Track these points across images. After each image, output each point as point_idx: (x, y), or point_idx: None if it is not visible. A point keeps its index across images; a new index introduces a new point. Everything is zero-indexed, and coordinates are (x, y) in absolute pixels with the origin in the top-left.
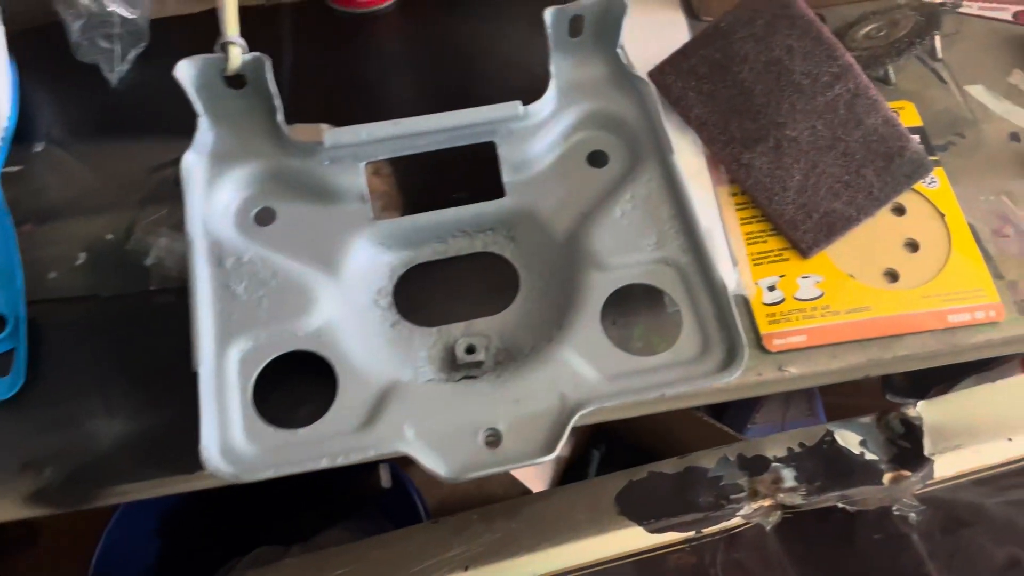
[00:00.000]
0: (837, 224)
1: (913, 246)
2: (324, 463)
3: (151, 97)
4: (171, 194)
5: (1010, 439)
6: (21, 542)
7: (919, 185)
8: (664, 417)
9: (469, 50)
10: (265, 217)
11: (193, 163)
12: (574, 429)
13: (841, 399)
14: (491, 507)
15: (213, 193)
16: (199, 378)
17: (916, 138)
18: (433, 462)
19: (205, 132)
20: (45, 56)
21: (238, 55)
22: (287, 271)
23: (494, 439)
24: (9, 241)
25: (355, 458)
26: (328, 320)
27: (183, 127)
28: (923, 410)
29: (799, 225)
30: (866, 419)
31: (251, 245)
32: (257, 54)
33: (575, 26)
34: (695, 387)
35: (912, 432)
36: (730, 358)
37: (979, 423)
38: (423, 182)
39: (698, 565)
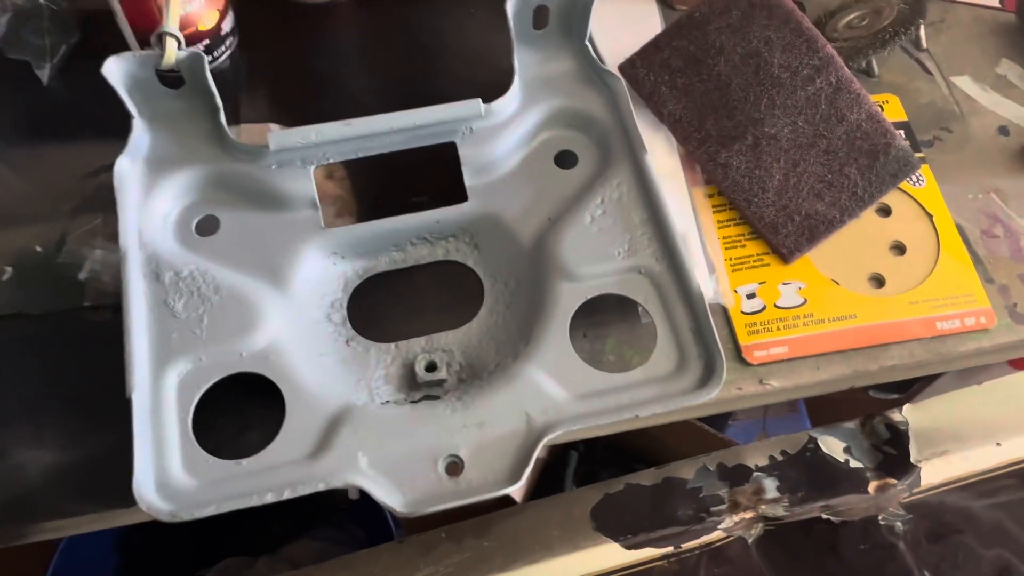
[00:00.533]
0: (820, 227)
1: (900, 249)
2: (270, 497)
3: (85, 96)
4: (107, 201)
5: (999, 444)
6: None
7: (905, 184)
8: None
9: (430, 43)
10: (207, 227)
11: (127, 169)
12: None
13: (823, 398)
14: (460, 524)
15: (150, 201)
16: (132, 405)
17: (901, 133)
18: (388, 495)
19: (140, 135)
20: None
21: (174, 49)
22: (231, 285)
23: (455, 467)
24: None
25: (303, 491)
26: (275, 339)
27: (121, 128)
28: (909, 414)
29: (780, 228)
30: (850, 424)
31: (192, 257)
32: (193, 50)
33: (540, 17)
34: (670, 407)
35: (898, 437)
36: (708, 374)
37: (967, 427)
38: (380, 186)
39: None
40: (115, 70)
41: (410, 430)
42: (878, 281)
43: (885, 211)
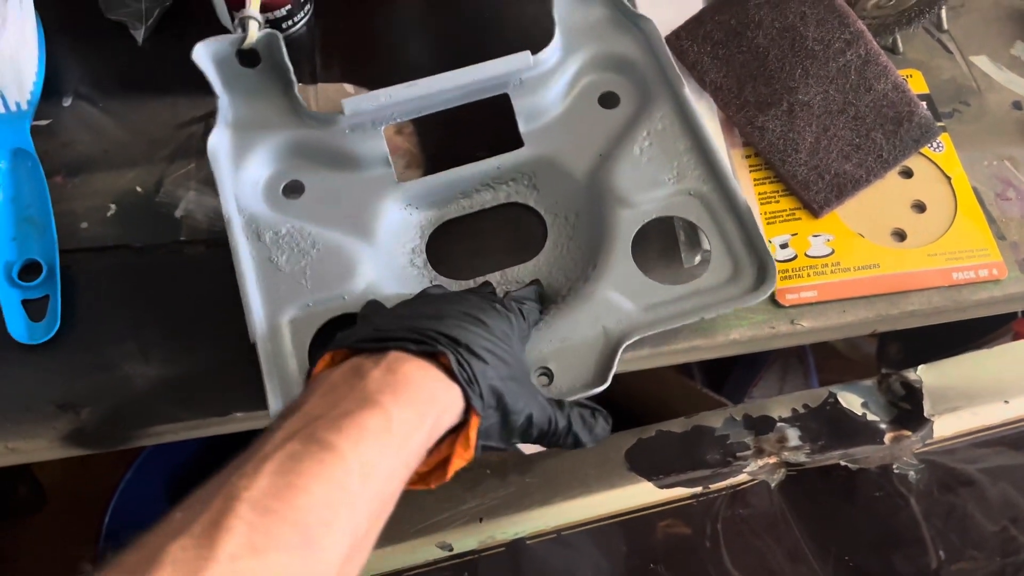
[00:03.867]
0: (847, 185)
1: (920, 207)
2: None
3: (176, 56)
4: (198, 149)
5: (1007, 401)
6: (30, 506)
7: (926, 149)
8: (664, 391)
9: (477, 8)
10: (293, 190)
11: (218, 144)
12: None
13: (835, 376)
14: (504, 462)
15: (240, 172)
16: (257, 348)
17: (924, 104)
18: None
19: (226, 111)
20: (74, 15)
21: (255, 30)
22: (325, 240)
23: (547, 376)
24: (42, 191)
25: None
26: (371, 282)
27: (207, 85)
28: (923, 373)
29: (811, 186)
30: (868, 382)
31: (285, 219)
32: (269, 30)
33: None
34: (731, 307)
35: (912, 394)
36: (761, 277)
37: (977, 386)
38: (443, 140)
39: (701, 519)
40: (202, 54)
41: None
42: (900, 235)
43: (907, 173)
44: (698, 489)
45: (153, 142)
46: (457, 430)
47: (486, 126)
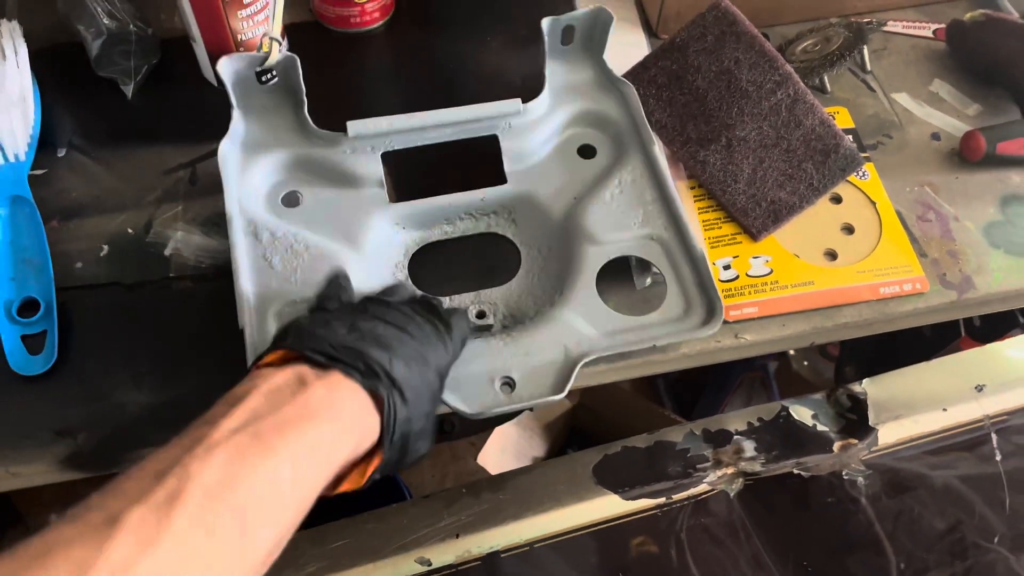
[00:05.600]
0: (783, 211)
1: (849, 230)
2: None
3: (163, 108)
4: (184, 193)
5: (945, 409)
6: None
7: (853, 178)
8: (634, 417)
9: (450, 64)
10: (292, 200)
11: (228, 150)
12: (550, 428)
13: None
14: (478, 481)
15: (245, 178)
16: (245, 336)
17: (849, 138)
18: (457, 403)
19: (238, 123)
20: (67, 72)
21: (277, 51)
22: (317, 246)
23: (509, 386)
24: (39, 234)
25: None
26: (356, 288)
27: (191, 135)
28: (868, 386)
29: (749, 213)
30: (817, 396)
31: (282, 224)
32: (289, 53)
33: (567, 35)
34: (681, 339)
35: (858, 405)
36: (709, 315)
37: (917, 396)
38: (435, 172)
39: (667, 530)
40: (226, 68)
41: (468, 359)
42: (832, 255)
43: (837, 199)
44: (662, 500)
45: (142, 188)
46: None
47: (475, 163)
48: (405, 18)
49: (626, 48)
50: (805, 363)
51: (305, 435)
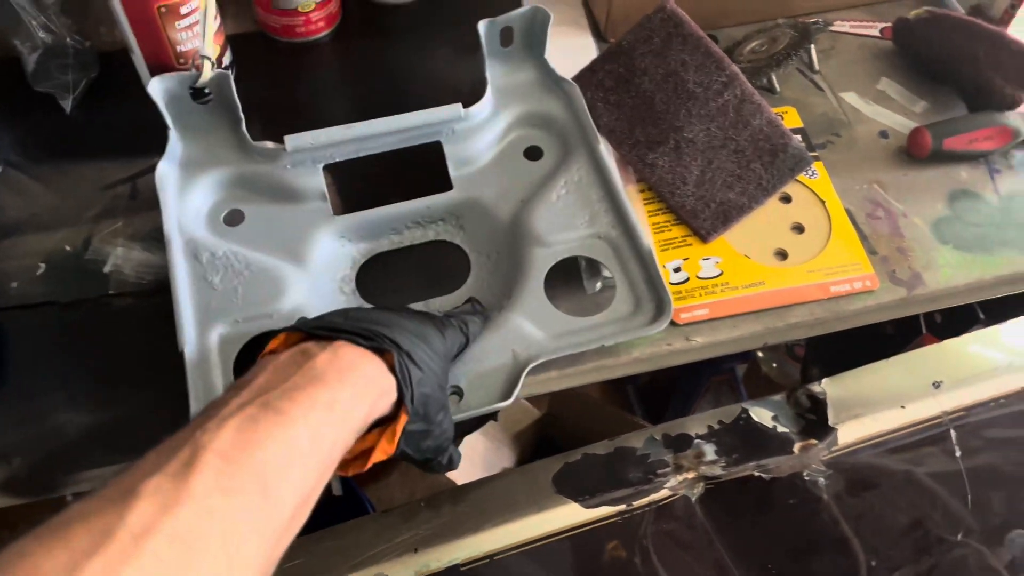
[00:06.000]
0: (732, 212)
1: (799, 229)
2: None
3: (102, 124)
4: (125, 208)
5: (903, 407)
6: None
7: (802, 177)
8: (603, 424)
9: (398, 71)
10: (234, 218)
11: (166, 172)
12: (518, 438)
13: None
14: (437, 494)
15: (185, 198)
16: (185, 358)
17: (798, 137)
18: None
19: (175, 143)
20: (2, 87)
21: (209, 69)
22: (259, 263)
23: (457, 395)
24: None
25: None
26: (299, 304)
27: (132, 149)
28: (827, 386)
29: (699, 214)
30: (777, 397)
31: (223, 243)
32: (221, 70)
33: (506, 36)
34: (630, 337)
35: (818, 406)
36: (659, 312)
37: (876, 394)
38: (379, 181)
39: (631, 536)
40: (157, 88)
41: None
42: (782, 255)
43: (786, 199)
44: (623, 507)
45: (81, 204)
46: (384, 424)
47: (420, 170)
48: (352, 27)
49: (574, 52)
50: (774, 365)
51: (316, 397)
